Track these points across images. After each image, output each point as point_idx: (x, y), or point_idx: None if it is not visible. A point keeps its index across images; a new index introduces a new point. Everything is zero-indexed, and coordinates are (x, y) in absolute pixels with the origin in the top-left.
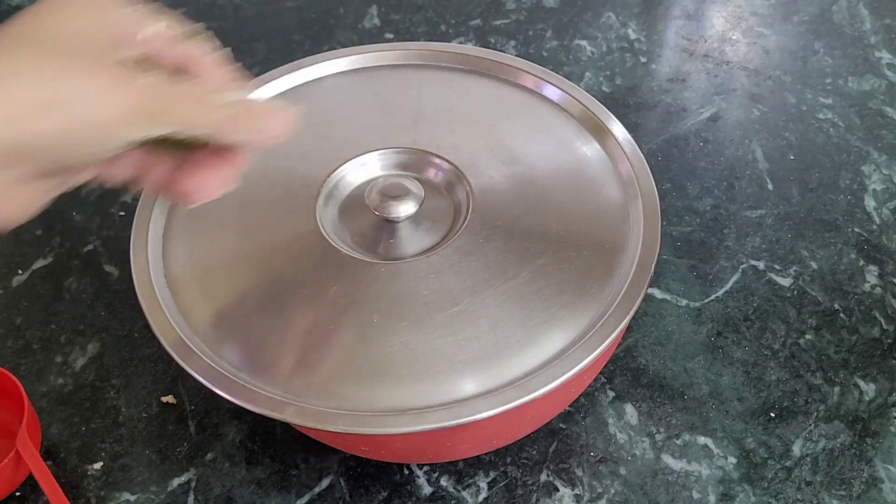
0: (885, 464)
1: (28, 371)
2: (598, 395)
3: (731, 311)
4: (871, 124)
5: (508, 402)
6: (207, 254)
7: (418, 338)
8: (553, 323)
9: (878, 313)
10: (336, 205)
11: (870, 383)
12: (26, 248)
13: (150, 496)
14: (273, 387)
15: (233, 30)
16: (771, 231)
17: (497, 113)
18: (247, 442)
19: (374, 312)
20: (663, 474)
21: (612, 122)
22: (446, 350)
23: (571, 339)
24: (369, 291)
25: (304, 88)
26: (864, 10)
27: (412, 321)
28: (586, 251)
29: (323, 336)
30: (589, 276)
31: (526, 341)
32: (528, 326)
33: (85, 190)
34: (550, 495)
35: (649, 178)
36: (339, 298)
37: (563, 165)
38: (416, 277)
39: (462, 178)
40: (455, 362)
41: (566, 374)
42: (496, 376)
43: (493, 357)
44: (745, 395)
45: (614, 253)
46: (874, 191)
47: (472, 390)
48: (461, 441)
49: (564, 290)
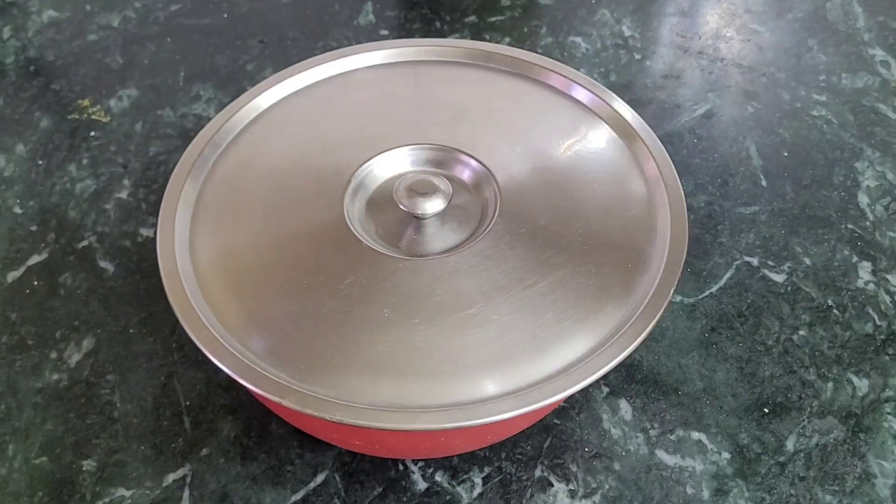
0: (878, 459)
1: (23, 367)
2: (593, 391)
3: (724, 308)
4: (864, 121)
5: (503, 411)
6: (232, 235)
7: (426, 337)
8: (563, 337)
9: (872, 309)
10: (364, 197)
11: (863, 379)
12: (21, 244)
13: (145, 492)
14: (277, 370)
15: (227, 26)
16: (765, 227)
17: (534, 117)
18: (242, 438)
19: (387, 307)
20: (657, 469)
21: (645, 129)
22: (453, 352)
23: (578, 356)
24: (385, 285)
25: (341, 79)
26: (857, 8)
27: (423, 319)
28: (607, 268)
29: (332, 325)
30: (606, 294)
31: (533, 352)
32: (537, 338)
33: (80, 186)
34: (545, 490)
35: (681, 200)
36: (353, 289)
37: (593, 175)
38: (433, 276)
39: (492, 180)
40: (460, 365)
41: (567, 391)
42: (499, 383)
43: (498, 364)
44: (739, 391)
45: (635, 273)
46: (867, 187)
47: (474, 394)
48: (455, 438)
49: (580, 305)
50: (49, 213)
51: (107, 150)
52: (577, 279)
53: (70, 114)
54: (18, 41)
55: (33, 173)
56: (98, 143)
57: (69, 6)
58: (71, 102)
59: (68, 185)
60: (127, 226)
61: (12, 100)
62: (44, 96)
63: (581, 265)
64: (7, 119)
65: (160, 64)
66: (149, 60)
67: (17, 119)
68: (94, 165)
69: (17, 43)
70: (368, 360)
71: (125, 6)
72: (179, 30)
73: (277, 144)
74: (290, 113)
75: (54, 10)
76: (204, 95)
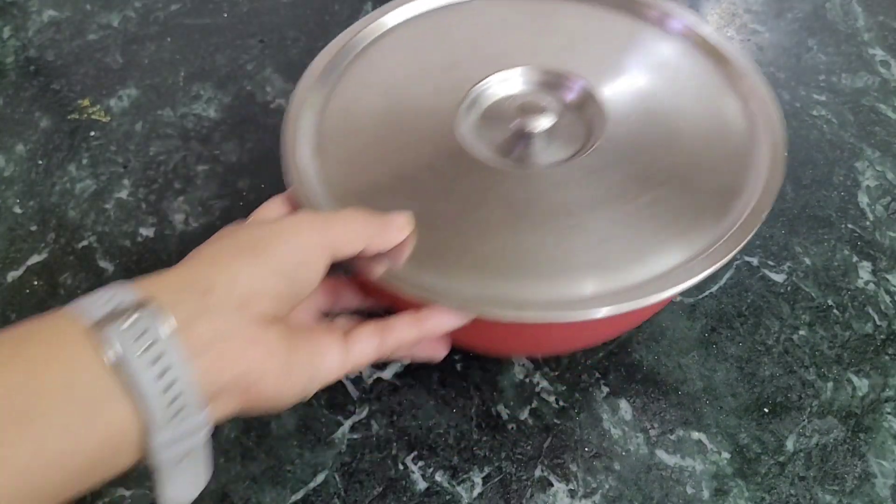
0: (878, 459)
1: None
2: (593, 390)
3: (724, 307)
4: (864, 121)
5: (600, 306)
6: (353, 143)
7: (532, 240)
8: (659, 248)
9: (871, 309)
10: (477, 113)
11: (863, 379)
12: (21, 244)
13: (146, 491)
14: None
15: (228, 26)
16: (764, 227)
17: (638, 48)
18: (242, 438)
19: (494, 213)
20: (657, 469)
21: (745, 63)
22: (556, 254)
23: (674, 265)
24: (494, 193)
25: (460, 6)
26: (857, 7)
27: (529, 225)
28: (704, 189)
29: (444, 226)
30: (702, 213)
31: (632, 260)
32: (635, 247)
33: (80, 186)
34: (545, 490)
35: (779, 126)
36: (464, 195)
37: (693, 103)
38: (539, 187)
39: (598, 103)
40: (563, 266)
41: (664, 292)
42: (599, 286)
43: (598, 268)
44: (739, 391)
45: (732, 196)
46: (867, 187)
47: (575, 294)
48: (563, 333)
49: (676, 221)
50: (49, 213)
51: (107, 150)
52: (674, 198)
53: (70, 114)
54: (18, 41)
55: (33, 173)
56: (98, 143)
57: (69, 6)
58: (71, 102)
59: (68, 185)
60: (127, 226)
61: (12, 100)
62: (44, 96)
63: (679, 185)
64: (7, 119)
65: (160, 64)
66: (149, 60)
67: (17, 119)
68: (94, 165)
69: (17, 43)
70: (477, 259)
71: (125, 6)
72: (179, 29)
73: (398, 61)
74: (411, 34)
75: (54, 9)
76: (204, 95)
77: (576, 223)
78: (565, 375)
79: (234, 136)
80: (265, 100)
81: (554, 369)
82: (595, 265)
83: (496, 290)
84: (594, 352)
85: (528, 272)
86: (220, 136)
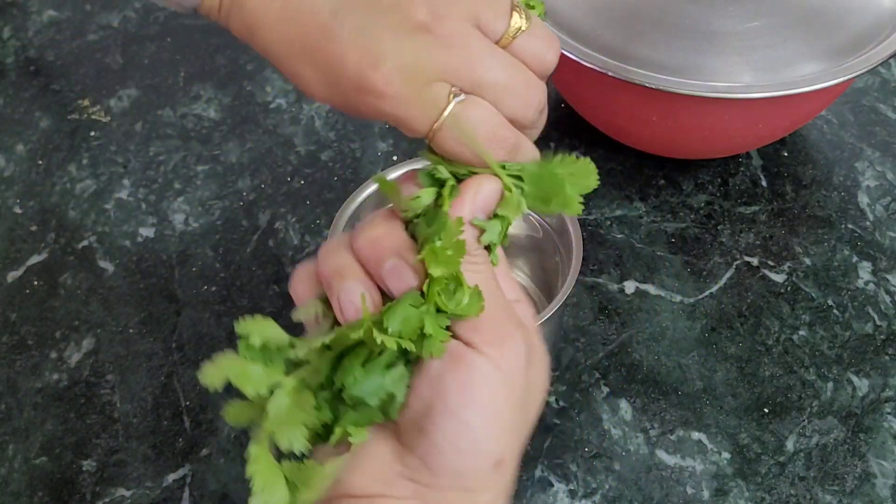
0: (878, 459)
1: (23, 367)
2: (593, 390)
3: (724, 307)
4: (864, 121)
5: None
6: None
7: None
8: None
9: (871, 309)
10: None
11: (863, 379)
12: (21, 244)
13: (146, 492)
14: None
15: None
16: (765, 227)
17: None
18: (242, 437)
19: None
20: (657, 469)
21: None
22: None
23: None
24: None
25: None
26: None
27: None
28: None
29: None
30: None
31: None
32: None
33: (80, 186)
34: (545, 490)
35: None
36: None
37: None
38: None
39: None
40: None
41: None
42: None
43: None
44: (739, 391)
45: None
46: (867, 187)
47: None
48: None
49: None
50: (49, 213)
51: (107, 150)
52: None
53: (70, 114)
54: (18, 41)
55: (33, 173)
56: (98, 143)
57: (69, 6)
58: (71, 102)
59: (68, 185)
60: (127, 226)
61: (12, 100)
62: (44, 96)
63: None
64: (7, 119)
65: (160, 64)
66: (149, 60)
67: (17, 119)
68: (94, 165)
69: (17, 43)
70: (660, 35)
71: (125, 6)
72: (179, 30)
73: None
74: None
75: (54, 10)
76: (204, 95)
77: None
78: (565, 375)
79: (234, 136)
80: (265, 100)
81: (554, 369)
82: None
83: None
84: (594, 352)
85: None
86: (220, 136)
